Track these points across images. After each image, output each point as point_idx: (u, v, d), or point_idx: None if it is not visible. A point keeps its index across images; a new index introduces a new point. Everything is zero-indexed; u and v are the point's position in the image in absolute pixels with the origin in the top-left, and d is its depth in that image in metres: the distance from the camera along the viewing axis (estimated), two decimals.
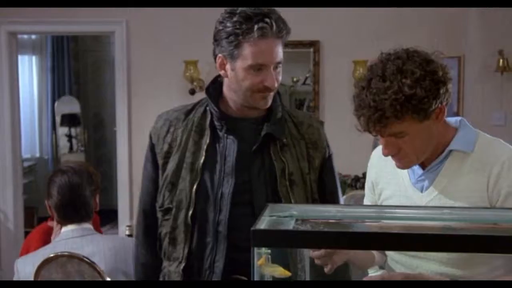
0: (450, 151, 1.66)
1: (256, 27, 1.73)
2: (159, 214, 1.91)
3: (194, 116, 1.90)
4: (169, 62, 4.94)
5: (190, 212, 1.83)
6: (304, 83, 5.16)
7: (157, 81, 5.01)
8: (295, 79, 5.21)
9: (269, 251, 1.31)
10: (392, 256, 1.75)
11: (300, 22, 4.97)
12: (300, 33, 4.98)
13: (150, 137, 1.95)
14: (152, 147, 1.93)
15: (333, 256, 1.62)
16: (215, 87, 1.92)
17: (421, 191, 1.70)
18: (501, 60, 4.48)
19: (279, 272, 1.40)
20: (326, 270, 1.63)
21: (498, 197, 1.60)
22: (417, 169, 1.71)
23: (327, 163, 1.96)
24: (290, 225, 1.39)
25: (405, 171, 1.72)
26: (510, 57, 4.50)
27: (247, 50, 1.75)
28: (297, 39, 4.99)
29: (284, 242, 1.32)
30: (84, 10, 4.78)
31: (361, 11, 4.73)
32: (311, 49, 4.95)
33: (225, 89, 1.89)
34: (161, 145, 1.91)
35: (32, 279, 2.31)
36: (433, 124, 1.60)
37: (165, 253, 1.90)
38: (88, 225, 2.43)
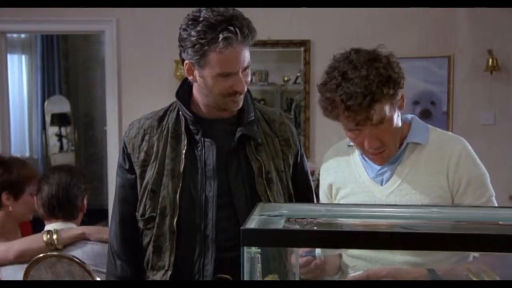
0: (408, 144, 1.74)
1: (221, 36, 1.70)
2: (140, 224, 1.88)
3: (168, 123, 1.89)
4: (160, 61, 4.93)
5: (175, 219, 1.82)
6: (295, 82, 5.17)
7: (148, 80, 4.99)
8: (286, 79, 5.21)
9: (259, 250, 1.31)
10: (352, 251, 1.77)
11: (291, 22, 4.97)
12: (291, 33, 4.98)
13: (125, 147, 1.92)
14: (128, 156, 1.91)
15: (325, 267, 1.66)
16: (184, 90, 1.91)
17: (381, 185, 1.76)
18: (490, 60, 4.49)
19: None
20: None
21: (459, 185, 1.69)
22: (374, 164, 1.77)
23: (299, 161, 1.97)
24: (280, 224, 1.39)
25: (362, 168, 1.79)
26: (500, 57, 4.52)
27: (213, 59, 1.74)
28: (288, 38, 4.99)
29: (273, 241, 1.32)
30: (74, 9, 4.75)
31: (351, 11, 4.74)
32: (302, 49, 4.95)
33: (195, 92, 1.89)
34: (137, 154, 1.89)
35: (14, 279, 2.30)
36: (398, 113, 1.69)
37: (148, 262, 1.87)
38: (72, 225, 2.42)
